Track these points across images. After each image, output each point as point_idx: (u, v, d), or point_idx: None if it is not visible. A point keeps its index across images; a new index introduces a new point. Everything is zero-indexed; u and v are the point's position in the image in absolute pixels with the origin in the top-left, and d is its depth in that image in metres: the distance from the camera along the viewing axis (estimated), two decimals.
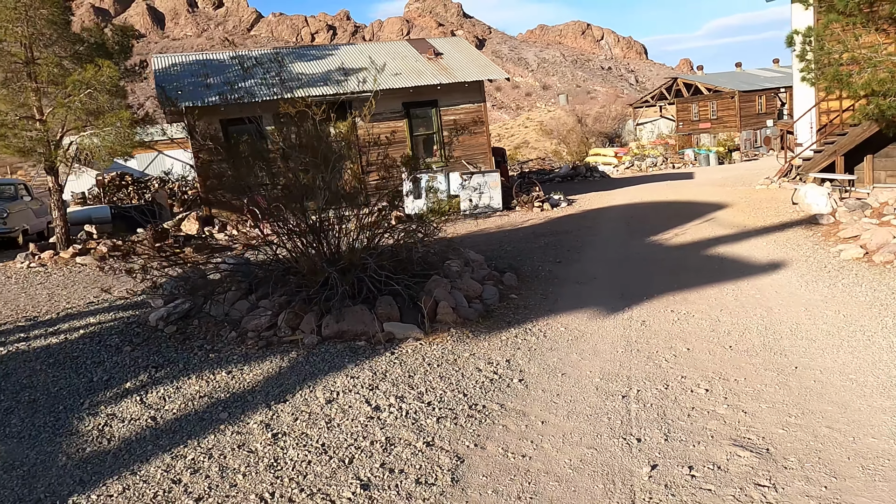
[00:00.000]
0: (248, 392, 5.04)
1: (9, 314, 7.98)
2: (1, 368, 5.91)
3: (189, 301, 7.23)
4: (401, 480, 3.61)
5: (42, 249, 12.50)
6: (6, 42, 11.58)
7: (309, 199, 14.99)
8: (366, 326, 6.19)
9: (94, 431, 4.56)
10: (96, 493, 3.69)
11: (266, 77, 15.04)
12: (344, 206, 8.11)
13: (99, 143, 11.59)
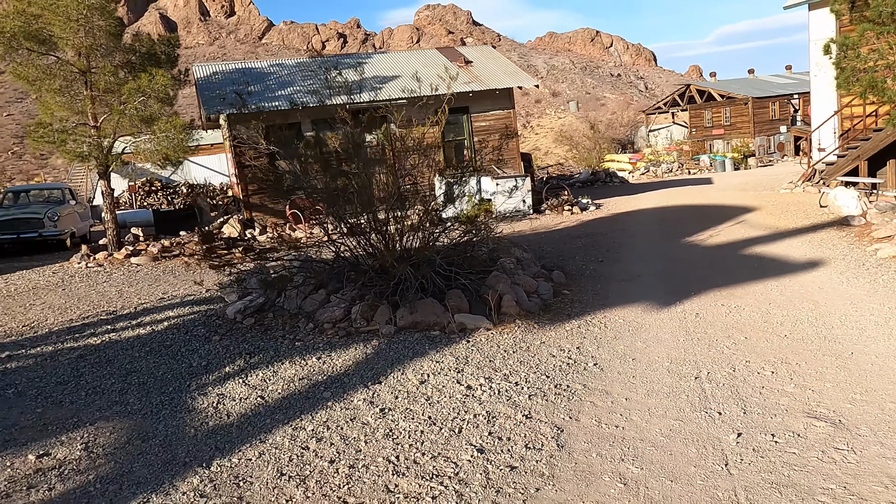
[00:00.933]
0: (342, 375, 5.47)
1: (88, 309, 8.45)
2: (103, 355, 6.37)
3: (263, 296, 7.67)
4: (511, 446, 4.02)
5: (94, 251, 13.01)
6: (65, 52, 12.13)
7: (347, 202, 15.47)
8: (438, 317, 6.61)
9: (209, 409, 4.99)
10: (236, 458, 4.12)
11: (306, 84, 15.54)
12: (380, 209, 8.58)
13: (154, 148, 12.08)
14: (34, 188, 16.95)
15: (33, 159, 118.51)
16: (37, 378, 5.86)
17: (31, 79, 11.89)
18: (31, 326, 7.73)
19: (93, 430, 4.69)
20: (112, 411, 5.04)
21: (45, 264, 12.65)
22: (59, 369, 6.06)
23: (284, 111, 14.87)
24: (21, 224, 14.05)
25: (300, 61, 17.44)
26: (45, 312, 8.40)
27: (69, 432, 4.68)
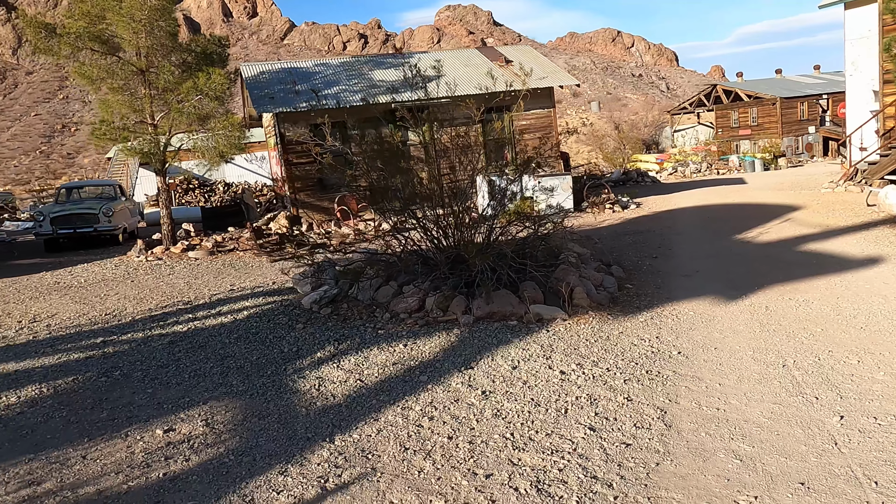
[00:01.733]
0: (433, 360, 5.69)
1: (163, 299, 8.77)
2: (194, 341, 6.66)
3: (336, 287, 7.93)
4: (620, 425, 4.21)
5: (150, 245, 13.38)
6: (126, 52, 12.50)
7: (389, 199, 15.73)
8: (513, 308, 6.82)
9: (312, 391, 5.24)
10: (356, 434, 4.35)
11: (351, 83, 15.82)
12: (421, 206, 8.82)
13: (211, 145, 12.41)
14: (87, 185, 17.43)
15: (60, 158, 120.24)
16: (137, 361, 6.15)
17: (93, 78, 12.27)
18: (114, 315, 8.05)
19: (207, 409, 4.95)
20: (218, 392, 5.31)
21: (103, 258, 13.04)
22: (155, 354, 6.35)
23: (330, 110, 15.14)
24: (77, 219, 14.48)
25: (344, 61, 17.74)
26: (122, 302, 8.73)
27: (185, 410, 4.95)
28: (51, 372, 5.94)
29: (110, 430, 4.65)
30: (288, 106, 14.57)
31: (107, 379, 5.70)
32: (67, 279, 10.86)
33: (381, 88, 15.65)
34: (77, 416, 4.91)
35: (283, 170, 16.04)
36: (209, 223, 16.54)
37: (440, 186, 9.79)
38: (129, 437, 4.51)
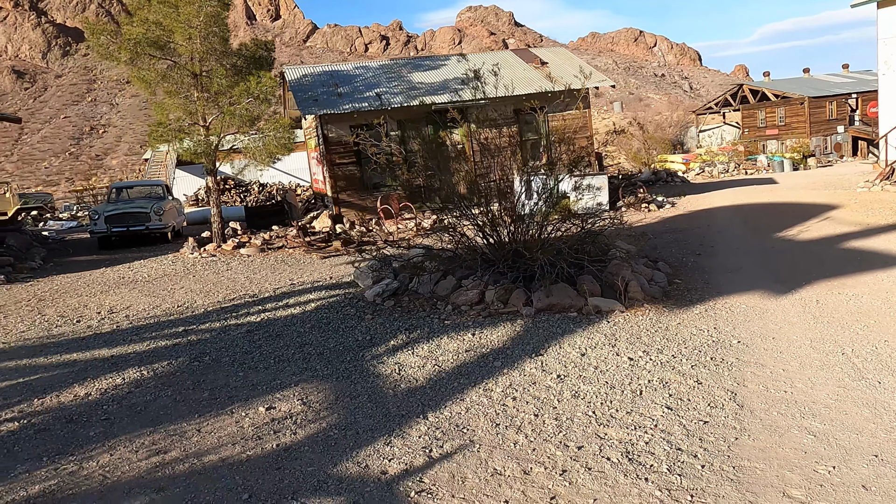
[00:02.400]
0: (503, 348, 6.03)
1: (228, 292, 9.21)
2: (270, 330, 7.07)
3: (396, 280, 8.30)
4: (694, 406, 4.52)
5: (201, 243, 13.88)
6: (181, 57, 13.01)
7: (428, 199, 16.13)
8: (572, 301, 7.14)
9: (393, 374, 5.60)
10: (447, 411, 4.70)
11: (391, 85, 16.22)
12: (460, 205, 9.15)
13: (262, 145, 12.88)
14: (136, 184, 18.03)
15: (89, 160, 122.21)
16: (222, 348, 6.57)
17: (150, 82, 12.79)
18: (186, 307, 8.50)
19: (299, 390, 5.34)
20: (305, 376, 5.69)
21: (157, 255, 13.57)
22: (237, 341, 6.77)
23: (372, 111, 15.53)
24: (129, 218, 15.05)
25: (383, 63, 18.16)
26: (190, 296, 9.19)
27: (279, 391, 5.34)
28: (145, 357, 6.37)
29: (215, 407, 5.06)
30: (332, 108, 15.00)
31: (199, 363, 6.12)
32: (129, 274, 11.38)
33: (420, 90, 16.03)
34: (181, 396, 5.32)
35: (324, 170, 16.48)
36: (252, 222, 17.05)
37: (493, 185, 10.15)
38: (234, 414, 4.90)
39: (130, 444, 4.45)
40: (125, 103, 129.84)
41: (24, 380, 5.87)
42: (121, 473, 4.06)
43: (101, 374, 5.87)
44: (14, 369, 6.21)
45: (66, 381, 5.77)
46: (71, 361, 6.38)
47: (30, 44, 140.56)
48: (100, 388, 5.55)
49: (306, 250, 12.63)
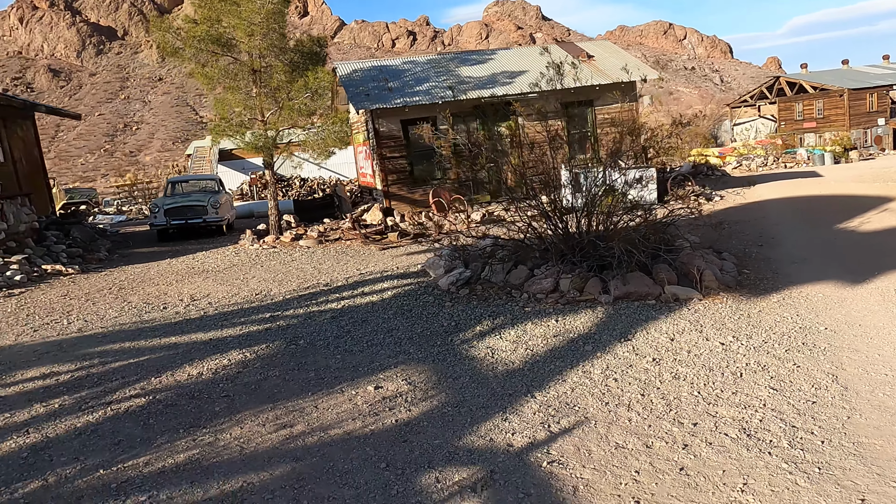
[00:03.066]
0: (590, 333, 6.20)
1: (301, 281, 9.49)
2: (354, 316, 7.31)
3: (469, 270, 8.50)
4: (798, 387, 4.64)
5: (260, 235, 14.23)
6: (241, 53, 13.35)
7: (476, 191, 16.28)
8: (649, 289, 7.27)
9: (487, 357, 5.80)
10: (552, 391, 4.89)
11: (439, 80, 16.41)
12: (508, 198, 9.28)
13: (321, 139, 13.17)
14: (191, 178, 18.49)
15: (123, 156, 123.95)
16: (312, 333, 6.83)
17: (213, 78, 13.15)
18: (264, 295, 8.80)
19: (400, 372, 5.57)
20: (401, 358, 5.92)
21: (216, 247, 13.94)
22: (324, 327, 7.03)
23: (419, 106, 15.74)
24: (188, 211, 15.46)
25: (431, 58, 18.36)
26: (264, 284, 9.49)
27: (381, 372, 5.57)
28: (242, 340, 6.66)
29: (324, 386, 5.31)
30: (383, 102, 15.24)
31: (295, 346, 6.39)
32: (197, 265, 11.75)
33: (468, 84, 16.20)
34: (289, 376, 5.59)
35: (373, 164, 16.74)
36: (303, 215, 17.38)
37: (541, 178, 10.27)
38: (345, 393, 5.15)
39: (256, 419, 4.72)
40: (157, 101, 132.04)
41: (134, 361, 6.20)
42: (256, 444, 4.32)
43: (206, 356, 6.17)
44: (121, 351, 6.54)
45: (175, 361, 6.07)
46: (171, 344, 6.69)
47: (65, 43, 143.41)
48: (209, 368, 5.84)
49: (363, 242, 12.90)
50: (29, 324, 7.78)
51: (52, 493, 3.83)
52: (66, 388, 5.50)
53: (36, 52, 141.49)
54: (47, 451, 4.35)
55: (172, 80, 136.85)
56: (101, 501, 3.69)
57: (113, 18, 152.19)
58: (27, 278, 10.53)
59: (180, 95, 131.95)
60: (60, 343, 6.93)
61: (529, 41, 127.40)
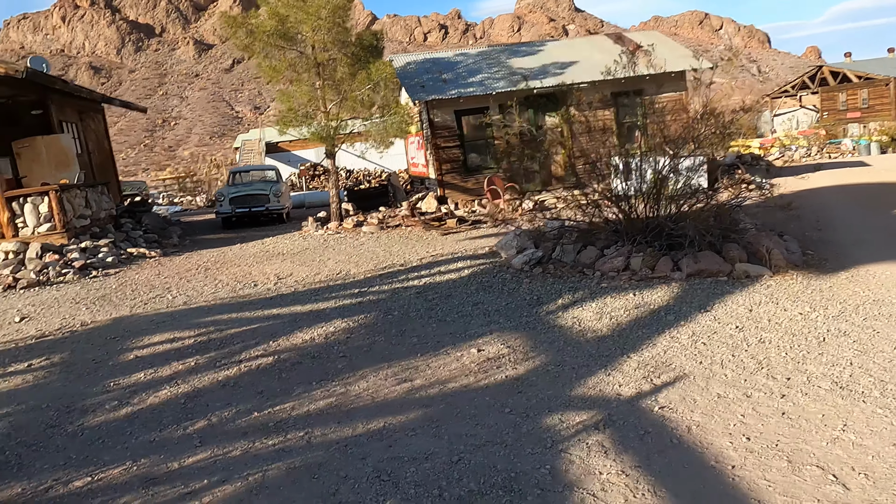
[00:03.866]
0: (669, 305, 6.58)
1: (376, 263, 10.02)
2: (437, 292, 7.81)
3: (540, 250, 8.93)
4: (881, 349, 4.98)
5: (323, 222, 14.84)
6: (306, 47, 13.92)
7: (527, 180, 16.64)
8: (719, 266, 7.61)
9: (574, 326, 6.23)
10: (646, 353, 5.30)
11: (492, 71, 16.81)
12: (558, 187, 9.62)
13: (384, 129, 13.69)
14: (252, 169, 19.24)
15: (163, 151, 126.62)
16: (403, 306, 7.33)
17: (280, 71, 13.76)
18: (344, 275, 9.35)
19: (496, 338, 6.03)
20: (492, 327, 6.38)
21: (281, 233, 14.59)
22: (412, 301, 7.52)
23: (473, 97, 16.14)
24: (251, 199, 16.18)
25: (481, 50, 18.76)
26: (342, 265, 10.05)
27: (477, 339, 6.04)
28: (341, 312, 7.20)
29: (430, 350, 5.80)
30: (439, 94, 15.70)
31: (391, 317, 6.90)
32: (269, 249, 12.38)
33: (521, 75, 16.54)
34: (394, 341, 6.10)
35: (426, 153, 17.23)
36: (358, 203, 17.95)
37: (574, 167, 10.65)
38: (451, 355, 5.63)
39: (377, 375, 5.23)
40: (194, 96, 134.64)
41: (246, 328, 6.78)
42: (384, 394, 4.83)
43: (312, 325, 6.72)
44: (230, 321, 7.14)
45: (285, 329, 6.63)
46: (275, 315, 7.27)
47: (105, 40, 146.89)
48: (318, 334, 6.39)
49: (424, 228, 13.40)
50: (136, 298, 8.45)
51: (218, 430, 4.39)
52: (195, 350, 6.10)
53: (77, 49, 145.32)
54: (201, 399, 4.93)
55: (209, 76, 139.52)
56: (264, 436, 4.23)
57: (151, 16, 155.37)
58: (117, 260, 11.27)
59: (216, 91, 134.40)
60: (172, 314, 7.56)
61: (562, 33, 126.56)
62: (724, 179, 16.80)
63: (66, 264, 10.36)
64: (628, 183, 9.50)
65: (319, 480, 3.62)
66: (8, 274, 9.87)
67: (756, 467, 3.45)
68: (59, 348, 6.47)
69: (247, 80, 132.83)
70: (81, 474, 3.86)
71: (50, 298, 8.65)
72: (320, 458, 3.89)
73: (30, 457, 4.14)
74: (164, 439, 4.28)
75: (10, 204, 11.58)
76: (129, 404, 4.89)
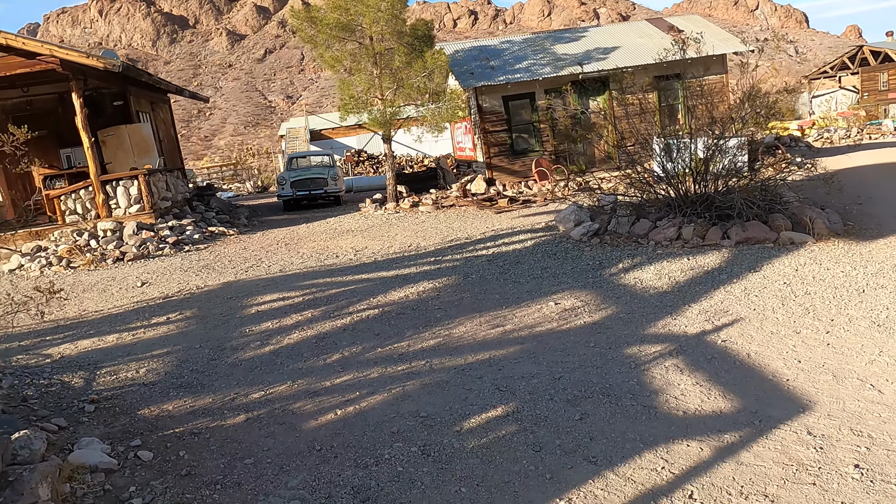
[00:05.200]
0: (721, 268, 7.35)
1: (440, 237, 10.91)
2: (507, 259, 8.67)
3: (596, 223, 9.73)
4: None
5: (381, 203, 15.79)
6: (364, 38, 14.81)
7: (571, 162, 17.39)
8: (765, 234, 8.34)
9: (636, 285, 7.04)
10: (703, 303, 6.10)
11: (537, 58, 17.52)
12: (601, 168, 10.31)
13: (438, 115, 14.55)
14: (308, 154, 20.28)
15: (199, 141, 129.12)
16: (478, 271, 8.21)
17: (340, 61, 14.68)
18: (415, 247, 10.26)
19: (567, 295, 6.88)
20: (563, 286, 7.23)
21: (341, 214, 15.57)
22: (485, 267, 8.40)
23: (520, 82, 16.86)
24: (310, 183, 17.20)
25: (526, 37, 19.46)
26: (411, 239, 10.96)
27: (552, 295, 6.90)
28: (423, 276, 8.12)
29: (512, 303, 6.68)
30: (487, 80, 16.48)
31: (470, 279, 7.79)
32: (336, 227, 13.37)
33: (565, 61, 17.23)
34: (479, 297, 6.99)
35: (474, 138, 18.05)
36: (409, 186, 18.86)
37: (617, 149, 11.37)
38: (531, 307, 6.51)
39: (471, 322, 6.13)
40: (228, 87, 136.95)
41: (345, 289, 7.75)
42: (482, 336, 5.73)
43: (402, 286, 7.65)
44: (327, 284, 8.11)
45: (379, 289, 7.57)
46: (365, 279, 8.22)
47: (141, 33, 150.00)
48: (411, 293, 7.32)
49: (478, 207, 14.25)
50: (235, 267, 9.50)
51: (352, 360, 5.34)
52: (306, 306, 7.08)
53: (115, 42, 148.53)
54: (328, 340, 5.89)
55: (242, 66, 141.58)
56: (392, 364, 5.17)
57: (185, 8, 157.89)
58: (203, 237, 12.37)
59: (249, 81, 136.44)
60: (272, 279, 8.57)
61: (593, 17, 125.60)
62: (765, 158, 17.37)
63: (160, 240, 11.48)
64: (675, 161, 10.20)
65: (449, 391, 4.54)
66: (113, 249, 11.01)
67: (806, 381, 4.27)
68: (185, 306, 7.51)
69: (279, 70, 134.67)
70: (254, 390, 4.84)
71: (159, 268, 9.74)
72: (444, 377, 4.81)
73: (205, 380, 5.14)
74: (310, 367, 5.25)
75: (104, 187, 12.76)
76: (269, 344, 5.88)
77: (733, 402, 4.01)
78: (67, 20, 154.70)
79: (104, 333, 6.51)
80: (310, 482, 3.47)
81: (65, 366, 5.60)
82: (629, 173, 10.62)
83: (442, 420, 4.07)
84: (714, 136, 10.34)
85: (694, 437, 3.61)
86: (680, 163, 9.77)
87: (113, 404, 4.68)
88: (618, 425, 3.82)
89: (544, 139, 17.41)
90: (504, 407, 4.20)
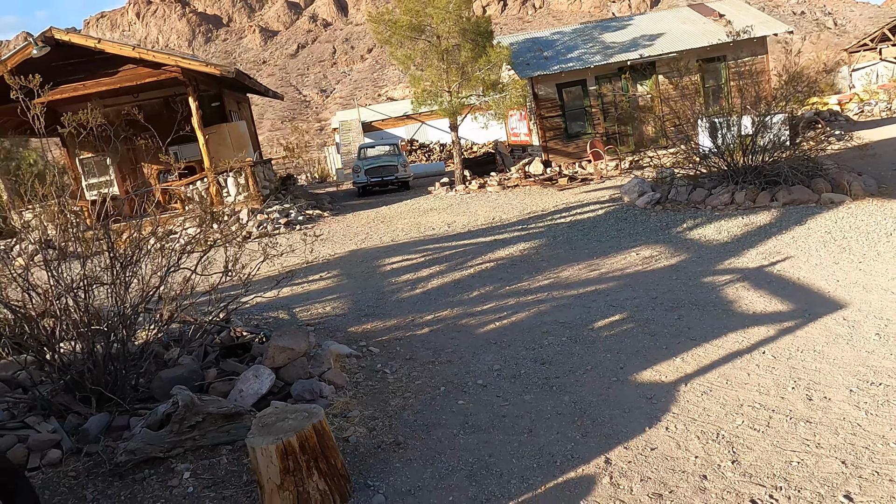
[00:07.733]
0: (771, 223, 8.82)
1: (518, 211, 12.51)
2: (583, 226, 10.25)
3: (658, 193, 11.24)
4: None
5: (449, 185, 17.45)
6: (432, 36, 16.43)
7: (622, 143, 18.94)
8: (808, 196, 9.76)
9: (700, 239, 8.56)
10: (760, 248, 7.61)
11: (587, 47, 18.93)
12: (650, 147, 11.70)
13: (502, 103, 16.12)
14: (377, 144, 22.07)
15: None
16: (563, 234, 9.81)
17: (412, 58, 16.34)
18: (498, 219, 11.89)
19: (643, 248, 8.43)
20: (637, 243, 8.78)
21: (413, 197, 17.28)
22: (566, 231, 9.99)
23: (572, 70, 18.30)
24: (383, 170, 18.96)
25: (576, 28, 20.86)
26: (491, 213, 12.60)
27: (630, 249, 8.46)
28: (517, 239, 9.76)
29: (600, 255, 8.28)
30: (543, 69, 17.98)
31: (559, 240, 9.41)
32: (417, 206, 15.08)
33: (613, 49, 18.60)
34: (571, 252, 8.60)
35: (530, 123, 19.57)
36: (471, 170, 20.50)
37: (664, 129, 12.72)
38: (617, 257, 8.10)
39: (571, 268, 7.76)
40: (263, 83, 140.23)
41: (456, 251, 9.43)
42: (584, 277, 7.36)
43: (504, 247, 9.30)
44: (439, 248, 9.81)
45: (486, 250, 9.24)
46: (469, 244, 9.89)
47: (177, 33, 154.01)
48: (514, 251, 8.97)
49: (542, 186, 15.82)
50: (351, 239, 11.27)
51: (489, 295, 7.02)
52: (431, 263, 8.79)
53: (153, 43, 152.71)
54: (463, 283, 7.59)
55: (275, 62, 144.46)
56: (521, 296, 6.83)
57: (218, 7, 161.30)
58: (306, 218, 14.22)
59: (283, 76, 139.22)
60: (389, 246, 10.31)
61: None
62: (806, 133, 18.57)
63: (274, 221, 13.35)
64: (723, 136, 11.59)
65: (574, 309, 6.19)
66: (236, 230, 12.90)
67: (843, 292, 5.79)
68: (328, 268, 9.29)
69: (311, 65, 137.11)
70: (425, 315, 6.56)
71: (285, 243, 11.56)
72: (566, 302, 6.46)
73: (383, 311, 6.88)
74: (459, 300, 6.95)
75: (217, 179, 14.69)
76: (418, 288, 7.61)
77: (788, 305, 5.57)
78: (107, 24, 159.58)
79: (277, 288, 8.31)
80: (498, 359, 5.15)
81: (264, 308, 7.39)
82: (683, 149, 12.06)
83: (577, 323, 5.73)
84: (760, 114, 11.70)
85: (762, 324, 5.19)
86: (729, 138, 11.18)
87: (324, 326, 6.45)
88: (707, 321, 5.42)
89: (595, 122, 18.84)
90: (620, 315, 5.84)
